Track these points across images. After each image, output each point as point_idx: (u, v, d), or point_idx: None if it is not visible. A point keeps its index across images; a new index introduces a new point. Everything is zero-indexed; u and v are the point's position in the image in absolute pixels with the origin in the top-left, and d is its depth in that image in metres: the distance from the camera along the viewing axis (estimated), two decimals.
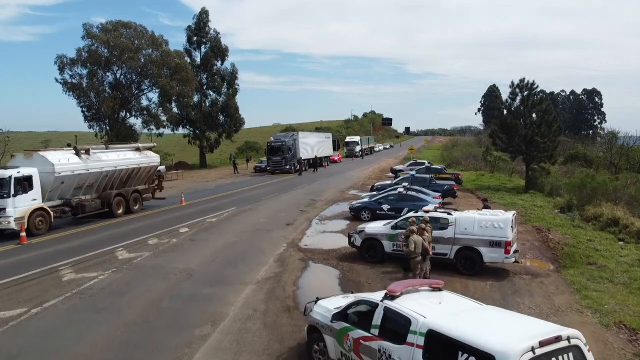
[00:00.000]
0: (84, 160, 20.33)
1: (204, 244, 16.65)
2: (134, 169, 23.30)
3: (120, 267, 13.75)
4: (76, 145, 21.94)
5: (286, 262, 14.33)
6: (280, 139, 46.38)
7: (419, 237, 11.47)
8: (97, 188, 21.52)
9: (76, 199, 20.22)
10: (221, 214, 22.61)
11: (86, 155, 20.65)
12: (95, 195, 21.44)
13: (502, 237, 12.58)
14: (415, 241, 11.30)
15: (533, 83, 32.65)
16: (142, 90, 50.30)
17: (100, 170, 21.15)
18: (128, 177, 23.11)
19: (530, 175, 33.00)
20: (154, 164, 25.02)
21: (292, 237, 17.76)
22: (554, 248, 15.99)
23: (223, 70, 59.51)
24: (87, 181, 20.68)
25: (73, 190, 20.17)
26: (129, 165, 22.90)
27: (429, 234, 12.20)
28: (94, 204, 20.78)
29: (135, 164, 23.35)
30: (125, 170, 22.71)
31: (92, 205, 20.65)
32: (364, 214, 21.02)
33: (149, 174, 24.79)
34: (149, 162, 24.45)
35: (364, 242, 14.46)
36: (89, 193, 21.13)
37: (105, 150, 22.42)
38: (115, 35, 45.04)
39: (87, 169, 20.41)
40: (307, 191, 31.74)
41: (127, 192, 22.90)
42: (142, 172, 24.04)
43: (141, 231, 18.50)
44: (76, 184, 20.09)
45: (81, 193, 20.66)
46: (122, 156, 22.86)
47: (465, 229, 13.04)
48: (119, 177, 22.50)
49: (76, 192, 20.36)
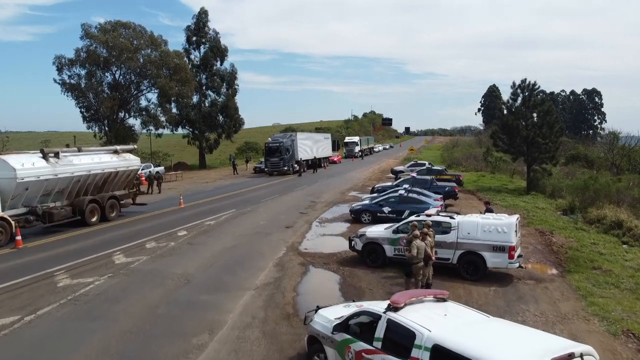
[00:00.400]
0: (52, 165, 18.75)
1: (203, 247, 16.41)
2: (111, 174, 21.73)
3: (117, 272, 13.50)
4: (44, 148, 20.33)
5: (286, 267, 14.09)
6: (278, 139, 45.56)
7: (422, 242, 11.23)
8: (69, 194, 19.92)
9: (44, 207, 18.65)
10: (220, 216, 22.36)
11: (55, 159, 19.10)
12: (66, 202, 19.87)
13: (506, 242, 12.33)
14: (418, 246, 11.06)
15: (534, 84, 32.42)
16: (141, 90, 50.08)
17: (72, 175, 19.56)
18: (104, 182, 21.61)
19: (532, 176, 32.73)
20: (133, 168, 23.33)
21: (292, 241, 17.52)
22: (557, 252, 15.75)
23: (222, 70, 59.31)
24: (57, 187, 19.10)
25: (41, 197, 18.63)
26: (105, 169, 21.34)
27: (432, 238, 11.95)
28: (63, 212, 19.20)
29: (112, 168, 21.78)
30: (101, 175, 21.19)
31: (62, 213, 19.07)
32: (365, 216, 20.78)
33: (128, 179, 23.12)
34: (127, 166, 22.73)
35: (365, 247, 14.21)
36: (60, 200, 19.59)
37: (77, 154, 20.77)
38: (114, 35, 44.86)
39: (56, 173, 18.80)
40: (307, 193, 31.50)
41: (103, 198, 21.31)
42: (120, 177, 22.45)
43: (139, 234, 18.25)
44: (44, 190, 18.54)
45: (50, 200, 19.09)
46: (97, 160, 21.21)
47: (469, 233, 12.80)
48: (94, 183, 20.97)
49: (44, 199, 18.81)
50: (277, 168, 43.77)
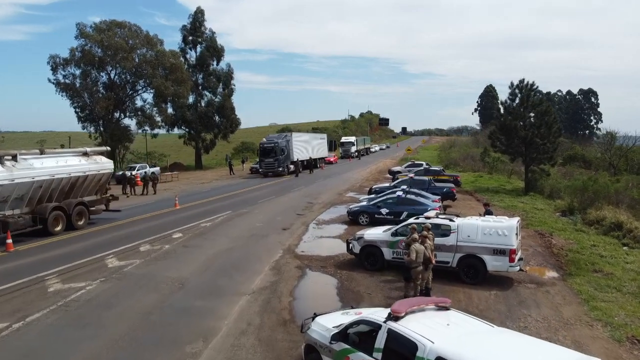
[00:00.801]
0: (7, 169, 17.01)
1: (198, 250, 16.12)
2: (79, 178, 19.93)
3: (109, 276, 13.20)
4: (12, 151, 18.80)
5: (282, 271, 13.83)
6: (273, 140, 44.53)
7: (421, 246, 10.99)
8: (29, 201, 18.09)
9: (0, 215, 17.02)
10: (216, 218, 22.07)
11: (12, 162, 17.35)
12: (26, 209, 18.03)
13: (507, 245, 12.11)
14: (417, 250, 10.82)
15: (533, 84, 32.34)
16: (136, 90, 49.64)
17: (32, 180, 17.75)
18: (72, 188, 19.83)
19: (530, 177, 32.61)
20: (105, 171, 21.41)
21: (289, 243, 17.25)
22: (558, 254, 15.55)
23: (219, 70, 58.96)
24: (14, 193, 17.30)
25: None
26: (71, 173, 19.51)
27: (431, 242, 11.71)
28: (22, 221, 17.39)
29: (80, 172, 19.97)
30: (67, 180, 19.35)
31: (20, 222, 17.30)
32: (362, 218, 20.55)
33: (99, 183, 21.30)
34: (98, 169, 20.88)
35: (363, 250, 13.96)
36: (19, 207, 17.76)
37: (40, 156, 18.78)
38: (109, 35, 44.38)
39: (13, 178, 17.00)
40: (304, 193, 31.24)
41: (69, 205, 19.40)
42: (90, 181, 20.61)
43: (133, 237, 17.93)
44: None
45: (7, 207, 17.23)
46: (63, 163, 19.33)
47: (469, 236, 12.57)
48: (59, 188, 19.20)
49: (0, 206, 17.08)
50: (272, 169, 42.97)
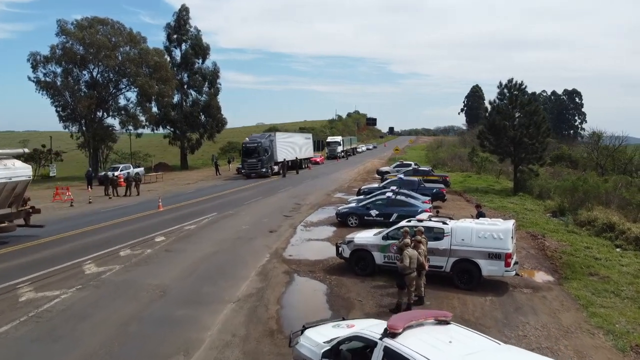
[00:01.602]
0: None
1: (181, 255, 15.44)
2: None
3: (86, 283, 12.48)
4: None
5: (269, 276, 13.24)
6: (256, 139, 43.10)
7: (414, 251, 10.50)
8: None
9: None
10: (201, 220, 21.37)
11: None
12: None
13: (502, 249, 11.69)
14: (411, 255, 10.33)
15: (522, 83, 32.19)
16: (120, 89, 48.59)
17: None
18: None
19: (519, 177, 32.46)
20: (20, 179, 17.26)
21: (276, 247, 16.66)
22: (552, 257, 15.21)
23: (204, 69, 58.25)
24: None
25: None
26: None
27: (425, 246, 11.24)
28: None
29: None
30: None
31: None
32: (351, 219, 20.05)
33: (12, 193, 17.14)
34: (9, 177, 16.70)
35: (353, 254, 13.43)
36: None
37: None
38: (91, 32, 43.30)
39: None
40: (292, 194, 30.65)
41: None
42: None
43: (113, 241, 17.16)
44: None
45: None
46: None
47: (462, 239, 12.12)
48: None
49: None
50: (255, 170, 41.58)
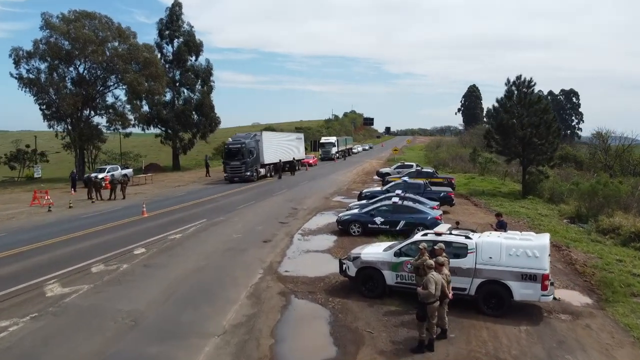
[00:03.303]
0: None
1: (161, 272, 13.51)
2: None
3: (44, 310, 10.54)
4: None
5: (262, 299, 11.35)
6: (240, 140, 39.19)
7: (439, 276, 8.65)
8: None
9: None
10: (188, 228, 19.44)
11: None
12: None
13: (539, 269, 9.87)
14: (436, 281, 8.47)
15: (530, 80, 30.44)
16: (107, 86, 46.48)
17: None
18: None
19: (528, 179, 30.72)
20: None
21: (270, 260, 14.77)
22: (584, 273, 13.40)
23: (197, 66, 56.25)
24: None
25: None
26: None
27: (447, 269, 9.39)
28: None
29: None
30: None
31: None
32: (354, 227, 18.22)
33: None
34: None
35: (360, 272, 11.56)
36: None
37: None
38: (76, 26, 41.15)
39: None
40: (288, 198, 28.77)
41: None
42: None
43: (85, 254, 15.18)
44: None
45: None
46: None
47: (490, 257, 10.28)
48: None
49: None
50: (239, 173, 37.77)
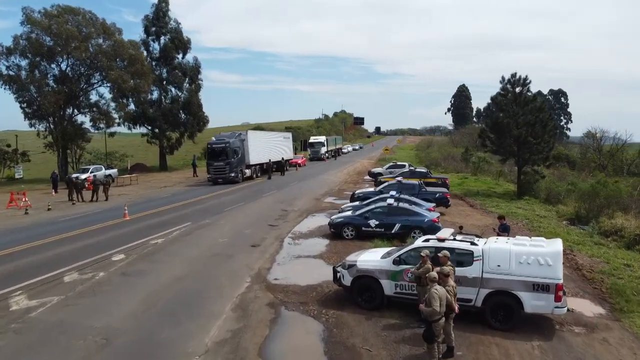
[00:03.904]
0: None
1: (141, 280, 12.48)
2: None
3: (6, 327, 9.47)
4: None
5: (249, 311, 10.39)
6: (224, 139, 37.17)
7: (443, 290, 7.75)
8: None
9: None
10: (171, 231, 18.38)
11: None
12: None
13: (552, 279, 9.04)
14: (440, 296, 7.57)
15: (526, 78, 29.84)
16: (91, 84, 45.06)
17: None
18: None
19: (523, 179, 30.08)
20: None
21: (259, 267, 13.81)
22: (592, 279, 12.63)
23: (185, 63, 54.84)
24: None
25: None
26: None
27: (453, 280, 8.50)
28: None
29: None
30: None
31: None
32: (347, 231, 17.33)
33: None
34: None
35: (356, 281, 10.65)
36: None
37: None
38: (58, 21, 39.73)
39: None
40: (277, 199, 27.78)
41: None
42: None
43: (59, 261, 14.07)
44: None
45: None
46: None
47: (499, 265, 9.43)
48: None
49: None
50: (222, 174, 35.77)
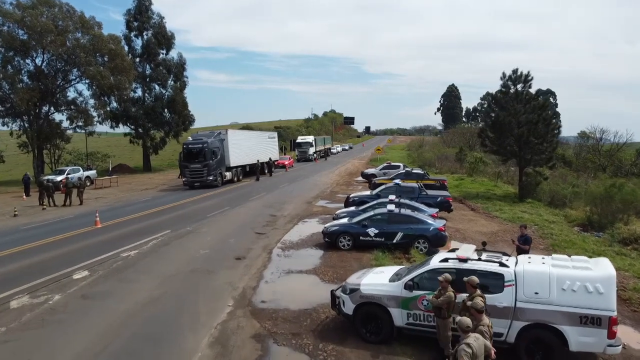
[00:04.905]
0: None
1: (102, 306, 10.52)
2: None
3: None
4: None
5: (230, 347, 8.53)
6: (201, 139, 33.80)
7: (481, 341, 5.88)
8: None
9: None
10: (147, 242, 16.41)
11: None
12: None
13: (604, 310, 7.34)
14: (476, 352, 5.66)
15: (528, 74, 28.32)
16: (69, 80, 42.68)
17: None
18: None
19: (525, 181, 28.57)
20: None
21: (244, 285, 11.95)
22: (629, 300, 10.97)
23: (169, 60, 52.71)
24: None
25: None
26: None
27: (487, 317, 6.72)
28: None
29: None
30: None
31: None
32: (343, 240, 15.55)
33: None
34: None
35: (360, 310, 8.85)
36: None
37: None
38: (32, 13, 37.33)
39: None
40: (266, 203, 25.88)
41: None
42: None
43: (9, 280, 12.05)
44: None
45: None
46: None
47: (536, 293, 7.70)
48: None
49: None
50: (199, 178, 32.60)
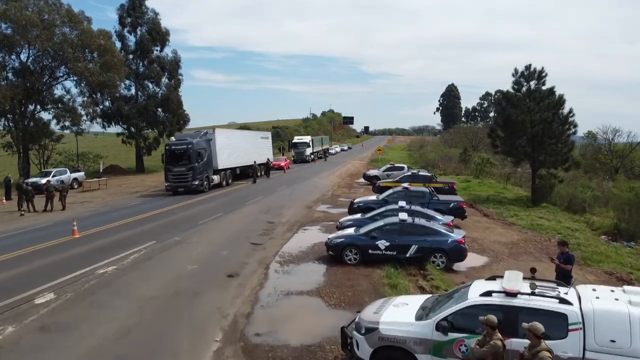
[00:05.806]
0: None
1: (61, 342, 8.66)
2: None
3: None
4: None
5: None
6: (185, 139, 30.71)
7: None
8: None
9: None
10: (127, 255, 14.54)
11: None
12: None
13: None
14: None
15: (542, 70, 26.61)
16: (56, 77, 40.77)
17: None
18: None
19: (539, 184, 26.84)
20: None
21: (235, 312, 10.13)
22: None
23: (163, 58, 50.87)
24: None
25: None
26: None
27: None
28: None
29: None
30: None
31: None
32: (350, 254, 13.77)
33: None
34: None
35: (378, 354, 7.06)
36: None
37: None
38: (15, 6, 35.39)
39: None
40: (263, 208, 24.04)
41: None
42: None
43: None
44: None
45: None
46: None
47: (612, 340, 5.93)
48: None
49: None
50: (184, 182, 29.38)
